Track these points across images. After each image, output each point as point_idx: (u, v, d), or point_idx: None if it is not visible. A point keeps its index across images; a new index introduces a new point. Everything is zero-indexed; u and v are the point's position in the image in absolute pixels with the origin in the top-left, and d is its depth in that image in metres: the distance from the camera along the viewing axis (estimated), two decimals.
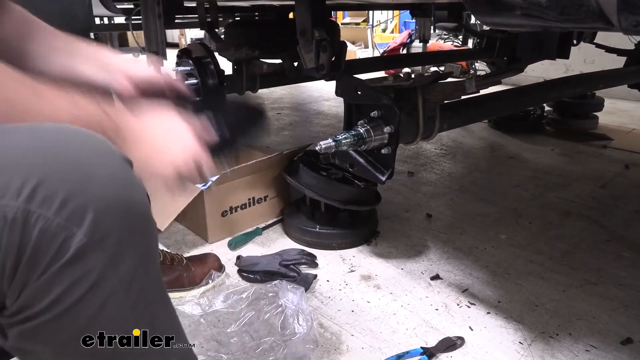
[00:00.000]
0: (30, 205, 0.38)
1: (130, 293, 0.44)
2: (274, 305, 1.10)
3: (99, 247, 0.41)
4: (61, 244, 0.39)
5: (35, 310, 0.40)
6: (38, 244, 0.39)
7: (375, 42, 6.39)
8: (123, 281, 0.44)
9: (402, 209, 1.78)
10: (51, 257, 0.39)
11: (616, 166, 2.27)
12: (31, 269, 0.39)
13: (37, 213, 0.38)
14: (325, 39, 1.40)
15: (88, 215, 0.40)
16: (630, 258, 1.44)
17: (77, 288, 0.41)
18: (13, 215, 0.38)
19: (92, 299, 0.42)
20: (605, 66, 2.34)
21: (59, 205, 0.39)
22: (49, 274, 0.39)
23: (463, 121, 1.57)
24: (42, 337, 0.42)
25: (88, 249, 0.41)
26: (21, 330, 0.42)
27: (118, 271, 0.43)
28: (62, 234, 0.39)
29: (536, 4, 0.58)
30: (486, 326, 1.13)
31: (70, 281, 0.40)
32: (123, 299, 0.44)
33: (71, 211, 0.40)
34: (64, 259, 0.40)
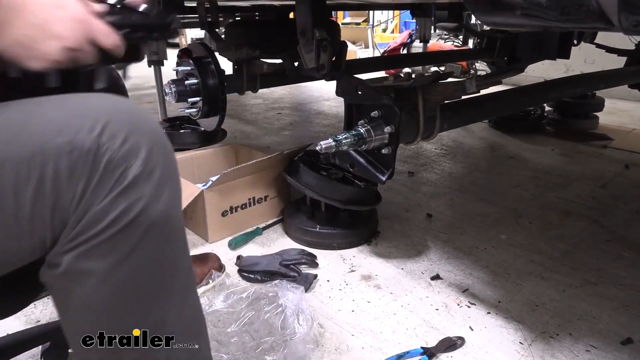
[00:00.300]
0: (100, 139, 0.47)
1: (167, 225, 0.52)
2: (274, 305, 1.10)
3: (148, 178, 0.50)
4: (122, 172, 0.48)
5: (97, 230, 0.47)
6: (105, 171, 0.47)
7: (376, 42, 6.39)
8: (162, 213, 0.51)
9: (403, 209, 1.78)
10: (114, 183, 0.48)
11: (616, 166, 2.27)
12: (97, 193, 0.47)
13: (105, 146, 0.47)
14: (326, 39, 1.40)
15: (142, 151, 0.49)
16: (631, 258, 1.44)
17: (131, 210, 0.48)
18: (88, 146, 0.47)
19: (142, 222, 0.49)
20: (605, 66, 2.34)
21: (121, 141, 0.48)
22: (111, 197, 0.48)
23: (463, 121, 1.57)
24: (99, 256, 0.48)
25: (141, 179, 0.49)
26: (79, 252, 0.48)
27: (160, 202, 0.51)
28: (123, 164, 0.48)
29: (536, 4, 0.58)
30: (486, 326, 1.14)
31: (126, 204, 0.48)
32: (162, 228, 0.52)
33: (130, 146, 0.49)
34: (123, 185, 0.48)
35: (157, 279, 0.53)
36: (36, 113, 0.49)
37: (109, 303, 0.51)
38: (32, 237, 0.47)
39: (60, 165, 0.46)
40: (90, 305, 0.51)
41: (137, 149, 0.49)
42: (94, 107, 0.50)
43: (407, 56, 4.62)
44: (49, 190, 0.46)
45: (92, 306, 0.51)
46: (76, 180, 0.47)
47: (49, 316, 1.16)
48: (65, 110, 0.49)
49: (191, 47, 1.80)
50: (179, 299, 0.56)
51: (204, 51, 1.74)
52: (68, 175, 0.46)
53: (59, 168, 0.46)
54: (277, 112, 3.46)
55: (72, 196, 0.47)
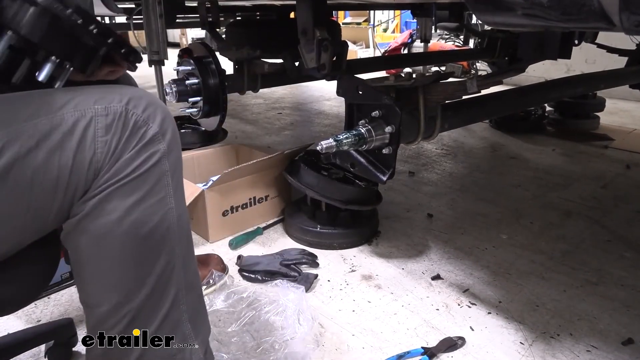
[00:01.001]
0: (128, 106, 0.62)
1: (173, 178, 0.66)
2: (275, 304, 1.10)
3: (163, 138, 0.64)
4: (145, 131, 0.62)
5: (123, 175, 0.60)
6: (132, 129, 0.61)
7: (377, 42, 6.38)
8: (171, 166, 0.65)
9: (403, 209, 1.78)
10: (139, 138, 0.62)
11: (617, 166, 2.27)
12: (126, 146, 0.61)
13: (132, 111, 0.62)
14: (327, 39, 1.40)
15: (158, 117, 0.64)
16: (632, 258, 1.44)
17: (150, 159, 0.62)
18: (120, 111, 0.61)
19: (156, 169, 0.63)
20: (606, 66, 2.33)
21: (143, 108, 0.63)
22: (137, 149, 0.61)
23: (464, 121, 1.57)
24: (122, 195, 0.60)
25: (157, 137, 0.63)
26: (105, 194, 0.59)
27: (170, 156, 0.65)
28: (145, 125, 0.62)
29: (538, 4, 0.58)
30: (487, 326, 1.13)
31: (146, 155, 0.62)
32: (170, 180, 0.65)
33: (149, 113, 0.63)
34: (145, 140, 0.62)
35: (166, 227, 0.65)
36: (77, 92, 0.61)
37: (123, 242, 0.61)
38: (68, 190, 0.58)
39: (99, 125, 0.59)
40: (106, 245, 0.61)
41: (155, 115, 0.63)
42: (119, 88, 0.64)
43: (407, 56, 4.62)
44: (89, 143, 0.58)
45: (107, 245, 0.61)
46: (112, 136, 0.60)
47: (49, 316, 1.16)
48: (99, 90, 0.63)
49: (192, 46, 1.80)
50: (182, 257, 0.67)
51: (204, 51, 1.74)
52: (104, 132, 0.59)
53: (98, 127, 0.59)
54: (278, 112, 3.46)
55: (107, 149, 0.59)
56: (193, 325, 0.70)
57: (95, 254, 0.61)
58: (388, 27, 7.33)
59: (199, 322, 0.72)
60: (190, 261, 0.70)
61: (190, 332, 0.69)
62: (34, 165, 0.55)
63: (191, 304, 0.70)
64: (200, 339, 0.72)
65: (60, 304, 1.20)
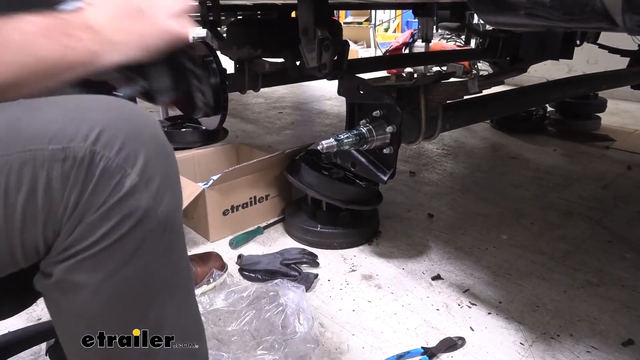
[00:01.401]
0: (95, 147, 0.45)
1: (164, 234, 0.50)
2: (275, 304, 1.10)
3: (146, 187, 0.48)
4: (118, 181, 0.46)
5: (88, 243, 0.46)
6: (99, 180, 0.45)
7: (378, 42, 6.38)
8: (160, 223, 0.49)
9: (404, 209, 1.78)
10: (109, 193, 0.46)
11: (618, 167, 2.26)
12: (91, 203, 0.45)
13: (101, 154, 0.45)
14: (328, 38, 1.40)
15: (140, 159, 0.47)
16: (632, 259, 1.43)
17: (127, 221, 0.47)
18: (82, 154, 0.45)
19: (136, 232, 0.47)
20: (608, 67, 2.33)
21: (118, 148, 0.46)
22: (105, 208, 0.46)
23: (465, 121, 1.57)
24: (90, 269, 0.47)
25: (138, 188, 0.47)
26: (71, 264, 0.46)
27: (157, 212, 0.49)
28: (119, 173, 0.46)
29: (540, 4, 0.58)
30: (487, 326, 1.13)
31: (121, 216, 0.46)
32: (158, 239, 0.50)
33: (127, 154, 0.46)
34: (118, 195, 0.46)
35: (153, 288, 0.52)
36: (32, 116, 0.46)
37: (101, 313, 0.50)
38: (24, 244, 0.46)
39: (53, 174, 0.44)
40: (83, 315, 0.50)
41: (135, 157, 0.47)
42: (91, 111, 0.48)
43: (409, 56, 4.62)
44: (41, 199, 0.45)
45: (85, 316, 0.50)
46: (69, 190, 0.45)
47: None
48: (62, 114, 0.47)
49: (193, 45, 1.79)
50: (176, 305, 0.55)
51: (205, 50, 1.74)
52: (61, 184, 0.45)
53: (52, 177, 0.44)
54: (279, 112, 3.46)
55: (65, 206, 0.45)
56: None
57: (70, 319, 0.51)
58: (389, 27, 7.33)
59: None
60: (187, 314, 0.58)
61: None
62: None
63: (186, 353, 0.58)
64: None
65: None
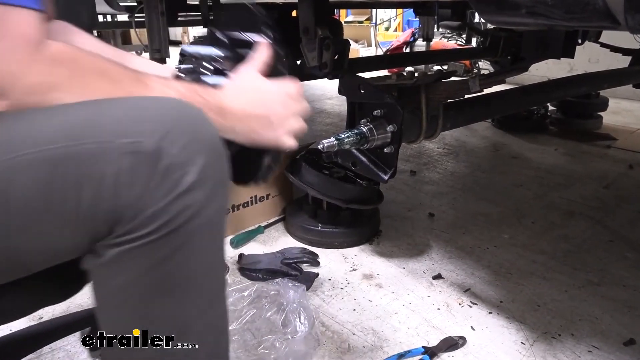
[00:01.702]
0: (162, 143, 0.49)
1: (210, 232, 0.55)
2: (276, 303, 1.10)
3: (203, 186, 0.51)
4: (179, 177, 0.49)
5: (145, 232, 0.49)
6: (163, 175, 0.49)
7: (379, 41, 6.38)
8: (209, 222, 0.53)
9: (405, 208, 1.78)
10: (170, 188, 0.49)
11: (620, 166, 2.26)
12: (153, 196, 0.48)
13: (166, 150, 0.49)
14: (328, 37, 1.40)
15: (200, 159, 0.51)
16: (634, 259, 1.43)
17: (181, 215, 0.50)
18: (149, 149, 0.48)
19: (188, 226, 0.51)
20: (609, 65, 2.32)
21: (181, 147, 0.50)
22: (165, 201, 0.49)
23: (466, 120, 1.56)
24: (139, 256, 0.50)
25: (196, 186, 0.50)
26: (123, 250, 0.50)
27: (208, 211, 0.53)
28: (181, 170, 0.50)
29: (542, 3, 0.58)
30: (488, 326, 1.13)
31: (178, 210, 0.50)
32: (205, 237, 0.54)
33: (189, 153, 0.50)
34: (178, 190, 0.49)
35: (193, 283, 0.55)
36: (105, 112, 0.51)
37: (141, 298, 0.53)
38: (87, 231, 0.50)
39: (122, 166, 0.48)
40: (123, 297, 0.53)
41: (195, 157, 0.51)
42: (159, 111, 0.52)
43: (409, 55, 4.61)
44: (109, 188, 0.48)
45: (125, 298, 0.53)
46: (135, 181, 0.48)
47: (51, 313, 1.16)
48: (132, 112, 0.51)
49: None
50: (207, 305, 0.58)
51: None
52: (128, 175, 0.48)
53: (120, 168, 0.48)
54: None
55: (130, 196, 0.48)
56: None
57: (111, 300, 0.55)
58: (390, 26, 7.32)
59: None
60: (217, 308, 0.62)
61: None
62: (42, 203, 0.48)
63: (210, 353, 0.61)
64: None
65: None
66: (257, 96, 0.73)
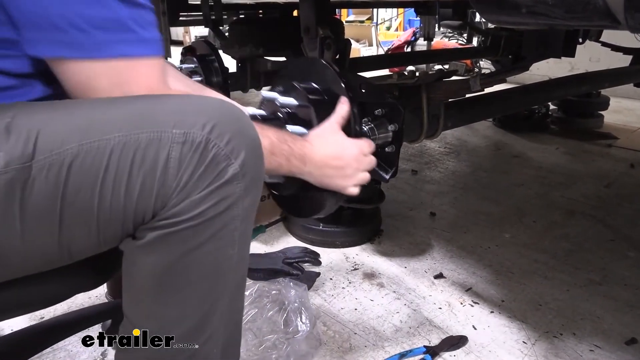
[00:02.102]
0: (210, 136, 0.53)
1: (243, 223, 0.58)
2: (277, 303, 1.11)
3: (242, 179, 0.55)
4: (223, 168, 0.53)
5: (188, 217, 0.53)
6: (209, 164, 0.53)
7: (380, 40, 6.38)
8: (243, 213, 0.57)
9: (406, 208, 1.78)
10: (214, 177, 0.53)
11: (621, 165, 2.26)
12: (198, 183, 0.52)
13: (213, 142, 0.53)
14: (330, 37, 1.40)
15: (242, 153, 0.55)
16: (635, 258, 1.43)
17: (222, 203, 0.54)
18: (199, 140, 0.52)
19: (226, 215, 0.55)
20: (610, 65, 2.32)
21: (227, 141, 0.54)
22: (209, 189, 0.53)
23: (467, 119, 1.56)
24: (179, 240, 0.54)
25: (237, 177, 0.55)
26: (165, 233, 0.53)
27: (244, 202, 0.57)
28: (225, 161, 0.54)
29: (542, 2, 0.58)
30: (490, 325, 1.13)
31: (219, 198, 0.54)
32: (238, 225, 0.58)
33: (233, 147, 0.54)
34: (222, 180, 0.54)
35: (221, 273, 0.59)
36: (160, 106, 0.55)
37: (173, 283, 0.56)
38: (136, 214, 0.52)
39: (172, 154, 0.52)
40: (156, 279, 0.55)
41: (239, 151, 0.55)
42: (208, 107, 0.56)
43: (411, 54, 4.61)
44: (159, 174, 0.52)
45: (157, 280, 0.56)
46: (184, 169, 0.52)
47: (53, 313, 1.16)
48: (184, 106, 0.56)
49: (195, 44, 1.80)
50: (229, 297, 0.61)
51: (207, 49, 1.74)
52: (178, 163, 0.52)
53: (171, 156, 0.52)
54: None
55: (178, 183, 0.52)
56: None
57: (142, 281, 0.57)
58: (391, 25, 7.32)
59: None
60: (237, 300, 0.66)
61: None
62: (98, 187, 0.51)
63: (225, 343, 0.65)
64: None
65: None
66: (337, 149, 0.85)
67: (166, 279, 0.56)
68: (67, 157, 0.49)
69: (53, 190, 0.49)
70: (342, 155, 0.85)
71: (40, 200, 0.49)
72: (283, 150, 0.73)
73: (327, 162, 0.82)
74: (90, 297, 1.21)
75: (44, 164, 0.49)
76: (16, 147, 0.48)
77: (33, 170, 0.48)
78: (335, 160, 0.83)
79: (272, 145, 0.71)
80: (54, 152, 0.49)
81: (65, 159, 0.49)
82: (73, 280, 0.66)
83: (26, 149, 0.48)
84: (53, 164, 0.49)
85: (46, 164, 0.49)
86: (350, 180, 0.87)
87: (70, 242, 0.53)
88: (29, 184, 0.48)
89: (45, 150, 0.49)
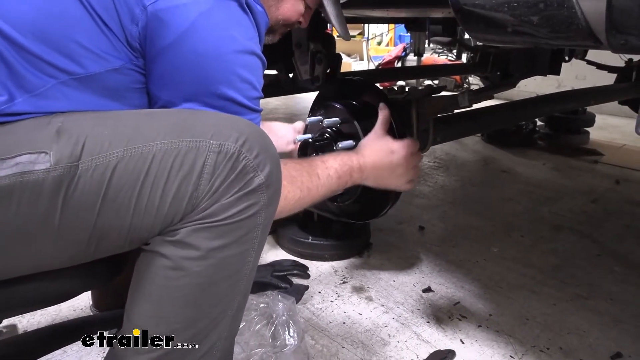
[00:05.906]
0: (242, 149, 0.60)
1: (263, 232, 0.64)
2: (265, 316, 1.10)
3: (266, 189, 0.62)
4: (250, 178, 0.60)
5: (218, 218, 0.59)
6: (239, 174, 0.59)
7: (371, 55, 6.44)
8: (264, 221, 0.64)
9: (395, 221, 1.78)
10: (243, 185, 0.60)
11: (607, 181, 2.29)
12: (228, 190, 0.59)
13: (244, 154, 0.60)
14: (321, 51, 1.41)
15: (267, 167, 0.62)
16: (621, 273, 1.45)
17: (247, 210, 0.61)
18: (232, 151, 0.59)
19: (250, 221, 0.61)
20: (596, 82, 2.37)
21: (255, 154, 0.61)
22: (237, 195, 0.60)
23: (456, 134, 1.58)
24: (209, 237, 0.59)
25: (262, 188, 0.61)
26: (197, 227, 0.58)
27: (267, 211, 0.63)
28: (253, 172, 0.60)
29: (527, 22, 0.59)
30: (477, 339, 1.13)
31: (246, 204, 0.60)
32: (259, 233, 0.63)
33: (260, 160, 0.61)
34: (249, 188, 0.60)
35: (239, 277, 0.64)
36: (199, 118, 0.62)
37: (195, 278, 0.59)
38: (166, 216, 0.58)
39: (208, 161, 0.58)
40: (180, 273, 0.59)
41: (265, 164, 0.61)
42: (240, 123, 0.63)
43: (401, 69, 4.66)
44: (194, 179, 0.58)
45: (181, 274, 0.59)
46: (216, 176, 0.58)
47: (36, 325, 1.14)
48: (219, 121, 0.62)
49: None
50: (236, 308, 0.66)
51: None
52: (212, 169, 0.58)
53: (206, 164, 0.58)
54: None
55: (210, 188, 0.58)
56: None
57: (160, 280, 0.60)
58: (382, 41, 7.41)
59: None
60: (241, 310, 0.69)
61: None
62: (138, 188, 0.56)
63: (225, 351, 0.68)
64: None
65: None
66: (386, 152, 0.97)
67: (182, 280, 0.59)
68: (113, 159, 0.55)
69: (96, 189, 0.54)
70: (391, 157, 0.97)
71: (83, 197, 0.54)
72: (345, 172, 0.89)
73: (379, 166, 0.96)
74: (75, 309, 1.19)
75: (90, 165, 0.54)
76: (66, 148, 0.54)
77: (79, 170, 0.54)
78: (386, 163, 0.96)
79: (337, 172, 0.87)
80: (101, 155, 0.55)
81: (110, 161, 0.55)
82: (87, 276, 0.69)
83: (75, 150, 0.54)
84: (99, 164, 0.55)
85: (92, 164, 0.54)
86: (402, 179, 1.00)
87: (100, 239, 0.57)
88: (74, 181, 0.53)
89: (93, 152, 0.55)
